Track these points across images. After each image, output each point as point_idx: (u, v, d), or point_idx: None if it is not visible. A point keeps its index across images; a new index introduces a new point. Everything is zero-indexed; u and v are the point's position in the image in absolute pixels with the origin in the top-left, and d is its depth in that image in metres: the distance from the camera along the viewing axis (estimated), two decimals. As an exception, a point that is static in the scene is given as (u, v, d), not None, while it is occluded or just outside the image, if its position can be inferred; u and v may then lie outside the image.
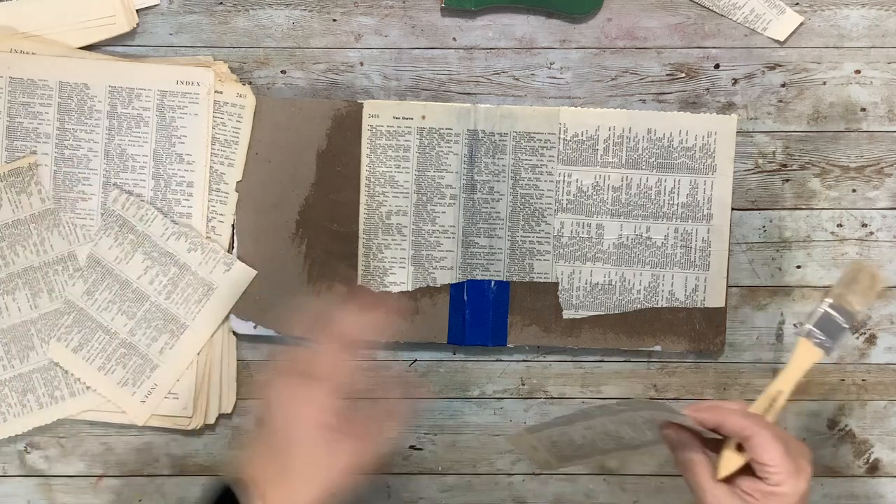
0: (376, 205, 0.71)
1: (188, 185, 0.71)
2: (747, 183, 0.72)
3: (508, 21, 0.71)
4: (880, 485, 0.73)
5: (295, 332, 0.71)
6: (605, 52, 0.71)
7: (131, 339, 0.71)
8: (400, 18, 0.71)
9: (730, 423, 0.58)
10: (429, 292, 0.71)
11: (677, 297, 0.71)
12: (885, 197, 0.72)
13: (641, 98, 0.72)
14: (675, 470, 0.73)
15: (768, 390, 0.59)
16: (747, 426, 0.57)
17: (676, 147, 0.70)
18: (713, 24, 0.71)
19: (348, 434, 0.57)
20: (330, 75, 0.71)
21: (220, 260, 0.71)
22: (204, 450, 0.73)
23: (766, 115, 0.72)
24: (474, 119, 0.70)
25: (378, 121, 0.70)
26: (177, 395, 0.71)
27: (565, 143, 0.70)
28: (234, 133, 0.70)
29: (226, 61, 0.71)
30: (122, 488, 0.73)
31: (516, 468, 0.73)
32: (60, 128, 0.70)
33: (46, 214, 0.71)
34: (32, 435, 0.72)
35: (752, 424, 0.57)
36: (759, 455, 0.56)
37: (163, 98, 0.70)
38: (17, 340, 0.71)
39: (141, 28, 0.71)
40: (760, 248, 0.72)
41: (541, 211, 0.71)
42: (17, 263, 0.70)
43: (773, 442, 0.56)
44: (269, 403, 0.57)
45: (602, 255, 0.71)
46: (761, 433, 0.56)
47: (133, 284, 0.71)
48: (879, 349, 0.72)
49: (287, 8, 0.71)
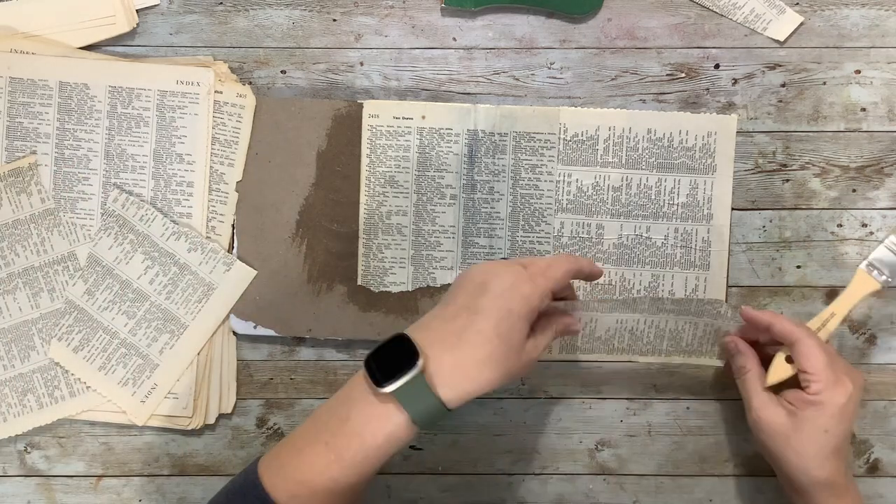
0: (376, 205, 0.71)
1: (188, 185, 0.71)
2: (747, 183, 0.72)
3: (508, 21, 0.71)
4: (880, 485, 0.73)
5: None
6: (605, 52, 0.71)
7: (131, 338, 0.71)
8: (400, 18, 0.71)
9: (780, 325, 0.62)
10: (429, 292, 0.71)
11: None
12: (885, 197, 0.72)
13: (641, 98, 0.72)
14: (674, 470, 0.73)
15: (822, 312, 0.65)
16: (795, 331, 0.62)
17: (676, 147, 0.70)
18: (713, 24, 0.71)
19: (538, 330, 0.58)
20: (330, 75, 0.71)
21: (220, 260, 0.71)
22: (204, 450, 0.73)
23: (766, 115, 0.72)
24: (474, 119, 0.70)
25: (378, 121, 0.70)
26: (177, 395, 0.71)
27: (565, 143, 0.70)
28: (234, 133, 0.70)
29: (226, 61, 0.71)
30: (122, 488, 0.73)
31: (516, 468, 0.73)
32: (60, 128, 0.70)
33: (46, 214, 0.71)
34: (32, 435, 0.72)
35: (799, 330, 0.62)
36: (801, 362, 0.61)
37: (163, 98, 0.70)
38: (18, 340, 0.71)
39: (141, 28, 0.71)
40: (760, 248, 0.72)
41: (541, 211, 0.71)
42: (18, 263, 0.71)
43: (817, 350, 0.60)
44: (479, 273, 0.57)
45: (602, 255, 0.71)
46: (806, 340, 0.61)
47: (133, 284, 0.71)
48: (879, 349, 0.72)
49: (287, 8, 0.71)
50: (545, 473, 0.73)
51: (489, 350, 0.54)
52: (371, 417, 0.53)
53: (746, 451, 0.73)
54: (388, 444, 0.53)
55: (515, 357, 0.55)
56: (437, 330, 0.55)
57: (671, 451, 0.73)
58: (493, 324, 0.54)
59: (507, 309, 0.55)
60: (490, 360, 0.54)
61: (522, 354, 0.56)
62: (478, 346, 0.54)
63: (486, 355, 0.54)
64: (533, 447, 0.73)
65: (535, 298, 0.56)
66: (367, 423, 0.53)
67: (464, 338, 0.54)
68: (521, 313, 0.55)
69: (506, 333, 0.54)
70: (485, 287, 0.56)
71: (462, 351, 0.54)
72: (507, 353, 0.54)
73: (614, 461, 0.73)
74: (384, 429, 0.53)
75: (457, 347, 0.54)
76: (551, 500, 0.73)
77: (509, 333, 0.54)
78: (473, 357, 0.54)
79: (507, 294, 0.55)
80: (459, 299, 0.56)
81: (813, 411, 0.60)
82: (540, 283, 0.56)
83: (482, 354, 0.54)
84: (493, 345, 0.54)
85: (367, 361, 0.54)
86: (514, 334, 0.55)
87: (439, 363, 0.53)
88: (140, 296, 0.71)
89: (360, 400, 0.54)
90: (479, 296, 0.55)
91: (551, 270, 0.58)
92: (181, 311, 0.71)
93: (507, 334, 0.54)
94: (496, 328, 0.54)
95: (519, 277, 0.56)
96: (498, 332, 0.54)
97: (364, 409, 0.54)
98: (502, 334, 0.54)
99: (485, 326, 0.54)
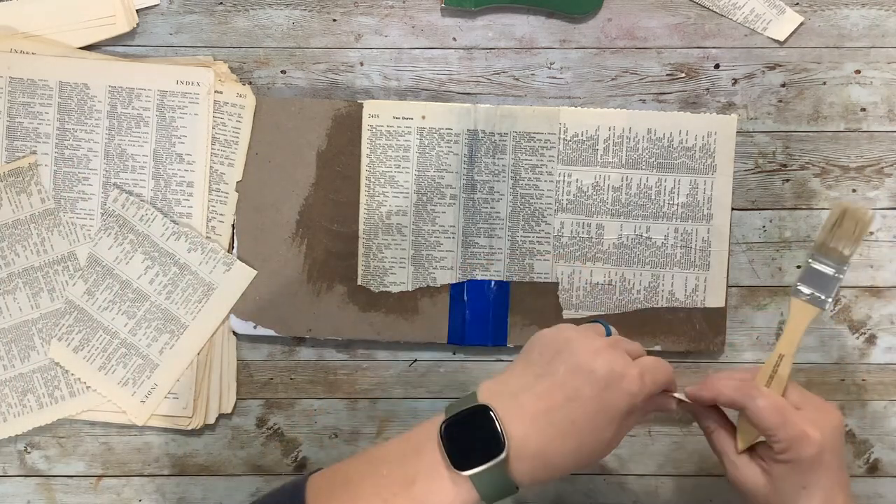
0: (376, 205, 0.71)
1: (188, 185, 0.71)
2: (747, 183, 0.72)
3: (508, 21, 0.71)
4: (880, 485, 0.73)
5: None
6: (605, 52, 0.71)
7: (131, 338, 0.71)
8: (400, 18, 0.71)
9: (723, 396, 0.57)
10: (429, 292, 0.71)
11: (677, 298, 0.71)
12: (885, 197, 0.72)
13: (641, 98, 0.72)
14: (674, 470, 0.73)
15: (769, 358, 0.58)
16: (738, 398, 0.56)
17: (676, 147, 0.70)
18: (713, 24, 0.71)
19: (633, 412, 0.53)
20: (330, 75, 0.71)
21: (220, 260, 0.71)
22: (204, 450, 0.73)
23: (766, 115, 0.72)
24: (474, 119, 0.70)
25: (378, 121, 0.70)
26: (177, 395, 0.71)
27: (565, 143, 0.70)
28: (234, 133, 0.70)
29: (226, 61, 0.71)
30: (122, 488, 0.73)
31: (516, 468, 0.73)
32: (60, 128, 0.70)
33: (46, 214, 0.71)
34: (32, 435, 0.72)
35: (742, 396, 0.56)
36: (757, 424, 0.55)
37: (163, 98, 0.70)
38: (18, 340, 0.71)
39: (141, 28, 0.71)
40: (760, 248, 0.72)
41: (541, 211, 0.71)
42: (18, 263, 0.71)
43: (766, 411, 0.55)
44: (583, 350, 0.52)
45: (602, 255, 0.71)
46: (752, 404, 0.55)
47: (133, 284, 0.71)
48: (879, 349, 0.72)
49: (287, 8, 0.71)
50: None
51: (578, 443, 0.50)
52: (440, 492, 0.50)
53: (746, 451, 0.73)
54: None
55: (603, 450, 0.52)
56: (525, 407, 0.51)
57: (671, 451, 0.73)
58: (592, 416, 0.50)
59: (607, 402, 0.51)
60: (576, 453, 0.50)
61: (608, 448, 0.52)
62: (567, 438, 0.50)
63: (574, 448, 0.50)
64: (533, 447, 0.73)
65: (640, 398, 0.52)
66: (434, 496, 0.50)
67: (555, 423, 0.50)
68: (622, 410, 0.51)
69: (600, 428, 0.51)
70: (591, 373, 0.51)
71: (549, 439, 0.50)
72: (594, 448, 0.51)
73: (614, 461, 0.73)
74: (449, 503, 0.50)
75: (544, 434, 0.50)
76: (551, 500, 0.73)
77: (604, 428, 0.51)
78: (561, 448, 0.50)
79: (614, 387, 0.51)
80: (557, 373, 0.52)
81: (786, 469, 0.55)
82: (647, 383, 0.52)
83: (570, 447, 0.50)
84: (584, 439, 0.50)
85: (445, 429, 0.51)
86: (608, 428, 0.51)
87: (522, 447, 0.50)
88: (140, 296, 0.71)
89: (432, 471, 0.50)
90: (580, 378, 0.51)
91: (659, 375, 0.54)
92: (181, 311, 0.71)
93: (602, 429, 0.51)
94: (593, 421, 0.50)
95: (628, 371, 0.52)
96: (593, 427, 0.50)
97: (434, 482, 0.50)
98: (596, 429, 0.51)
99: (581, 417, 0.50)
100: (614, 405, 0.51)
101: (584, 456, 0.51)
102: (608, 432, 0.51)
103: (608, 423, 0.51)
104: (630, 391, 0.51)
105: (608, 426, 0.51)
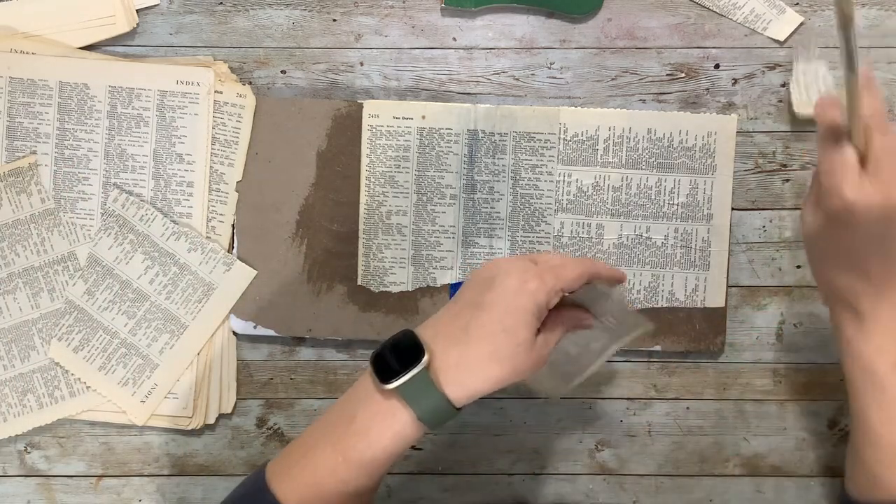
0: (376, 205, 0.71)
1: (188, 185, 0.71)
2: (747, 183, 0.72)
3: (508, 21, 0.71)
4: (880, 485, 0.73)
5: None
6: (605, 52, 0.71)
7: (131, 338, 0.71)
8: (400, 18, 0.71)
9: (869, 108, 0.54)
10: (429, 292, 0.71)
11: (677, 297, 0.71)
12: (885, 197, 0.72)
13: (641, 98, 0.72)
14: (674, 470, 0.73)
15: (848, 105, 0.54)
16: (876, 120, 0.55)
17: (676, 147, 0.70)
18: (713, 24, 0.71)
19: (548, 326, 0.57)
20: (330, 75, 0.71)
21: (220, 260, 0.71)
22: (204, 450, 0.73)
23: (766, 115, 0.72)
24: (474, 119, 0.70)
25: (378, 121, 0.70)
26: (177, 395, 0.71)
27: (565, 143, 0.70)
28: (234, 133, 0.70)
29: (226, 61, 0.71)
30: (122, 488, 0.73)
31: (516, 468, 0.73)
32: (60, 128, 0.70)
33: (46, 214, 0.71)
34: (32, 435, 0.72)
35: None
36: None
37: (163, 98, 0.70)
38: (18, 340, 0.71)
39: (141, 28, 0.71)
40: (760, 248, 0.72)
41: (541, 211, 0.71)
42: (18, 263, 0.71)
43: None
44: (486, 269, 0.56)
45: (602, 255, 0.71)
46: None
47: (133, 284, 0.71)
48: (879, 349, 0.72)
49: (287, 8, 0.71)
50: (545, 473, 0.73)
51: (495, 345, 0.53)
52: (376, 416, 0.53)
53: (746, 451, 0.73)
54: (395, 444, 0.53)
55: (524, 353, 0.54)
56: (442, 326, 0.55)
57: (671, 451, 0.73)
58: (498, 318, 0.53)
59: (512, 304, 0.54)
60: (496, 355, 0.53)
61: (531, 351, 0.55)
62: (483, 341, 0.53)
63: (491, 350, 0.53)
64: (533, 447, 0.73)
65: (542, 295, 0.55)
66: (373, 422, 0.53)
67: (469, 333, 0.53)
68: (528, 308, 0.54)
69: (511, 328, 0.53)
70: (491, 283, 0.55)
71: (467, 346, 0.53)
72: (513, 349, 0.53)
73: (614, 461, 0.73)
74: (390, 427, 0.53)
75: (461, 342, 0.53)
76: (551, 500, 0.73)
77: (515, 328, 0.54)
78: (478, 352, 0.53)
79: (513, 289, 0.54)
80: (466, 296, 0.56)
81: None
82: (548, 280, 0.55)
83: (487, 349, 0.53)
84: (499, 339, 0.53)
85: (374, 359, 0.54)
86: (519, 329, 0.54)
87: (444, 359, 0.53)
88: (140, 296, 0.71)
89: (366, 399, 0.54)
90: (485, 291, 0.55)
91: (564, 270, 0.56)
92: (181, 311, 0.71)
93: (513, 329, 0.53)
94: (501, 322, 0.53)
95: (526, 273, 0.55)
96: (503, 327, 0.53)
97: (370, 408, 0.53)
98: (508, 329, 0.53)
99: (489, 321, 0.53)
100: (520, 304, 0.54)
101: (506, 359, 0.53)
102: (521, 334, 0.54)
103: (518, 324, 0.53)
104: (529, 289, 0.54)
105: (520, 328, 0.54)
